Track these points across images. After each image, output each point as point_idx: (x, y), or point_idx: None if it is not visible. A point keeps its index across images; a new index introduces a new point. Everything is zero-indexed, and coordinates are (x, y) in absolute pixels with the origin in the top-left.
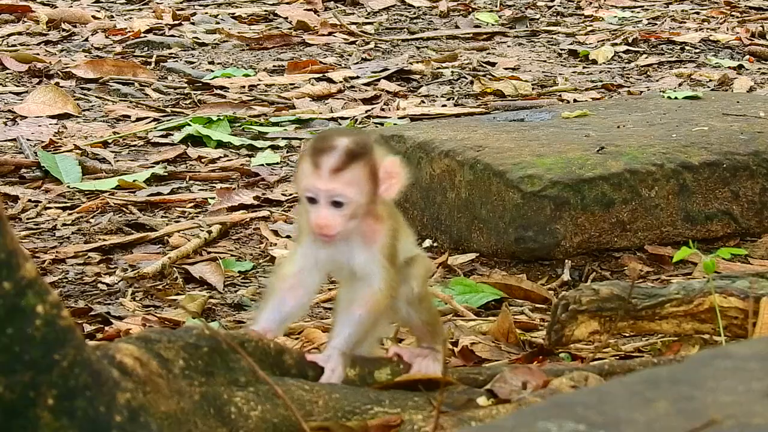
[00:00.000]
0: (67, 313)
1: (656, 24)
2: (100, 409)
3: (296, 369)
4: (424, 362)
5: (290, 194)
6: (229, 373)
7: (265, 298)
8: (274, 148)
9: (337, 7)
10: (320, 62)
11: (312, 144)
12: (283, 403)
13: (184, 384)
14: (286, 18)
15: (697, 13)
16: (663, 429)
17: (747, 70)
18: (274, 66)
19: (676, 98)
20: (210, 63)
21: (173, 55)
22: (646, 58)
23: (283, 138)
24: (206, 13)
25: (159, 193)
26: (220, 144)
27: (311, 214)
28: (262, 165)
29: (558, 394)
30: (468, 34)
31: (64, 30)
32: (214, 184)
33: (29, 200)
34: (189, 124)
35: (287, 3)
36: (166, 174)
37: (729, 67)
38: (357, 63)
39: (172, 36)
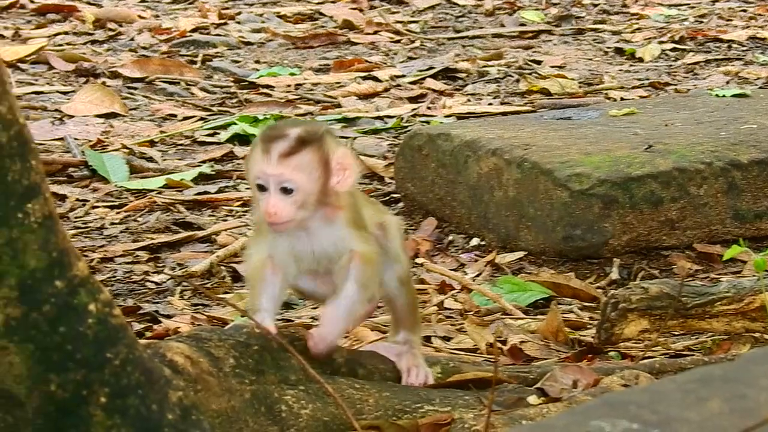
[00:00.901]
0: (119, 311)
1: (703, 21)
2: (153, 408)
3: (346, 367)
4: (404, 360)
5: None
6: (280, 372)
7: (252, 285)
8: None
9: (383, 5)
10: (366, 61)
11: (262, 132)
12: (334, 402)
13: (234, 382)
14: (331, 17)
15: (744, 10)
16: (716, 428)
17: None
18: (319, 65)
19: (723, 96)
20: (256, 62)
21: (219, 54)
22: (693, 55)
23: None
24: (252, 12)
25: (206, 192)
26: None
27: (261, 201)
28: None
29: (610, 393)
30: (514, 32)
31: (110, 29)
32: None
33: (77, 199)
34: (235, 123)
35: (332, 2)
36: (213, 173)
37: None
38: (403, 61)
39: (218, 35)
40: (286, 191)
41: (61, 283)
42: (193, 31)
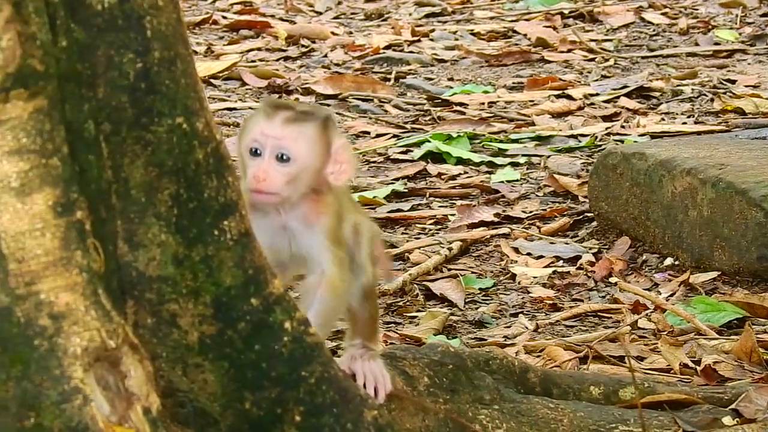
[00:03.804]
0: (314, 329)
1: None
2: (347, 426)
3: (540, 387)
4: (367, 365)
5: (531, 212)
6: (474, 391)
7: None
8: (513, 164)
9: (576, 23)
10: (560, 79)
11: (266, 101)
12: (528, 421)
13: (428, 401)
14: (525, 35)
15: None
16: None
17: None
18: (513, 83)
19: None
20: (449, 79)
21: (412, 72)
22: None
23: (522, 155)
24: (445, 29)
25: (399, 210)
26: (459, 160)
27: (251, 168)
28: (502, 182)
29: None
30: (708, 51)
31: (303, 46)
32: (454, 201)
33: None
34: (429, 141)
35: (526, 20)
36: (405, 190)
37: None
38: (597, 80)
39: (411, 52)
40: (282, 159)
41: (257, 301)
42: (387, 48)
